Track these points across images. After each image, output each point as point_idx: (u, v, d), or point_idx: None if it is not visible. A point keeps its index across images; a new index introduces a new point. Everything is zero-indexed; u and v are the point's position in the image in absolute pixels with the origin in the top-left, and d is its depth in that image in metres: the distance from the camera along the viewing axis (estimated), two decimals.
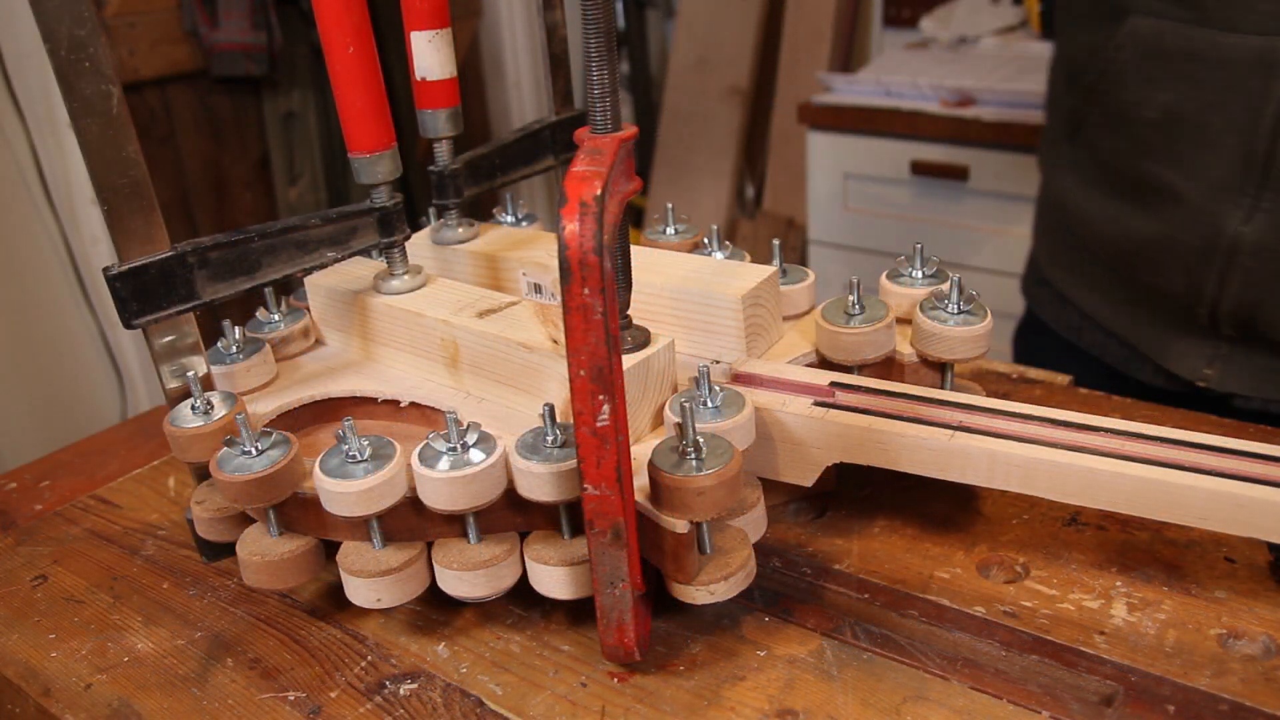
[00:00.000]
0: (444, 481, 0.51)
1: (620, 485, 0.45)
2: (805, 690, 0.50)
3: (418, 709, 0.51)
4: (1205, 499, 0.49)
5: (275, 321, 0.69)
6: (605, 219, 0.43)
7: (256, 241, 0.59)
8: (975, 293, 0.62)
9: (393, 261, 0.65)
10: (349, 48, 0.58)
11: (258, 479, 0.52)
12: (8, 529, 0.71)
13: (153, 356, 0.59)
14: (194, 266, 0.57)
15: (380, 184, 0.62)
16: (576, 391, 0.44)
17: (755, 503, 0.54)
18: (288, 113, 2.02)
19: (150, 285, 0.56)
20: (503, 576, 0.54)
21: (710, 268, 0.65)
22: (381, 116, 0.60)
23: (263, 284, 0.60)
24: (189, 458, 0.58)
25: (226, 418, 0.58)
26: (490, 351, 0.60)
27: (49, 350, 1.77)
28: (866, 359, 0.62)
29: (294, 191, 2.06)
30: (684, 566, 0.50)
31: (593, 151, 0.47)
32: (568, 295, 0.43)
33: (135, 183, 0.55)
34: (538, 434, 0.52)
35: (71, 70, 0.52)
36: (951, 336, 0.60)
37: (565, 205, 0.43)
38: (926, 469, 0.55)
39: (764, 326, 0.63)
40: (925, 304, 0.62)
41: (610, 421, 0.44)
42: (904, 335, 0.64)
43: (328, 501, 0.52)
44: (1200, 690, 0.47)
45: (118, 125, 0.54)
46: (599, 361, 0.43)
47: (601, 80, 0.49)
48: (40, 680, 0.56)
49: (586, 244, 0.42)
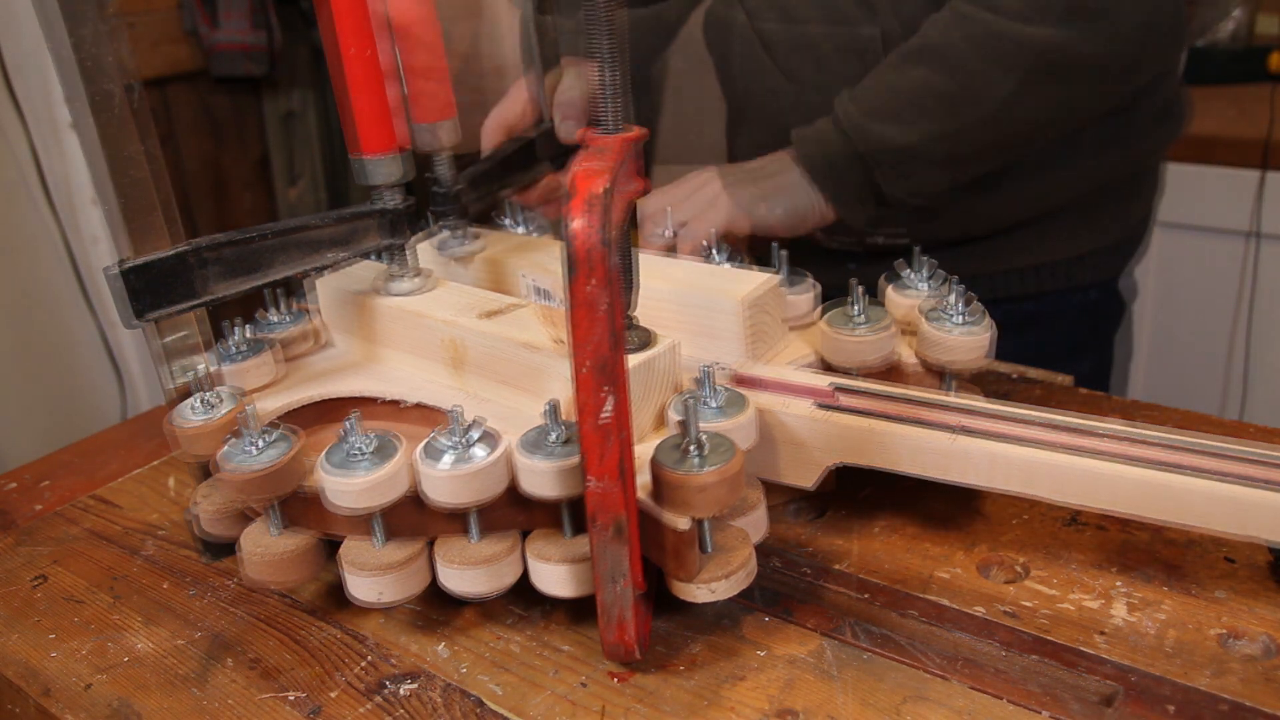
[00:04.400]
0: (447, 478, 0.51)
1: (623, 480, 0.45)
2: (805, 690, 0.50)
3: (418, 709, 0.51)
4: (1205, 500, 0.49)
5: (280, 322, 0.69)
6: (611, 214, 0.43)
7: (262, 241, 0.59)
8: (976, 299, 0.62)
9: (398, 263, 0.66)
10: (351, 48, 0.58)
11: (261, 474, 0.52)
12: (8, 529, 0.71)
13: (154, 356, 0.59)
14: (199, 265, 0.57)
15: (384, 185, 0.62)
16: (580, 385, 0.44)
17: (757, 503, 0.54)
18: (288, 113, 2.02)
19: (154, 283, 0.56)
20: (504, 574, 0.54)
21: (713, 273, 0.65)
22: (385, 118, 0.60)
23: (268, 283, 0.60)
24: (192, 454, 0.58)
25: (230, 414, 0.58)
26: (494, 352, 0.60)
27: (49, 350, 1.77)
28: (868, 364, 0.62)
29: (294, 192, 2.06)
30: (685, 564, 0.50)
31: (598, 150, 0.47)
32: (573, 289, 0.43)
33: (137, 181, 0.55)
34: (541, 431, 0.52)
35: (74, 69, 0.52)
36: (954, 344, 0.61)
37: (572, 200, 0.43)
38: (927, 470, 0.55)
39: (766, 331, 0.64)
40: (928, 311, 0.63)
41: (613, 416, 0.44)
42: (905, 341, 0.64)
43: (330, 496, 0.52)
44: (1200, 690, 0.47)
45: (120, 124, 0.54)
46: (603, 355, 0.43)
47: (610, 80, 0.49)
48: (40, 680, 0.56)
49: (593, 237, 0.42)
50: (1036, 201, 0.89)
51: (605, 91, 0.49)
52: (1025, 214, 0.90)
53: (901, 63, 0.78)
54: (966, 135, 0.77)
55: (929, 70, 0.76)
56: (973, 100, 0.76)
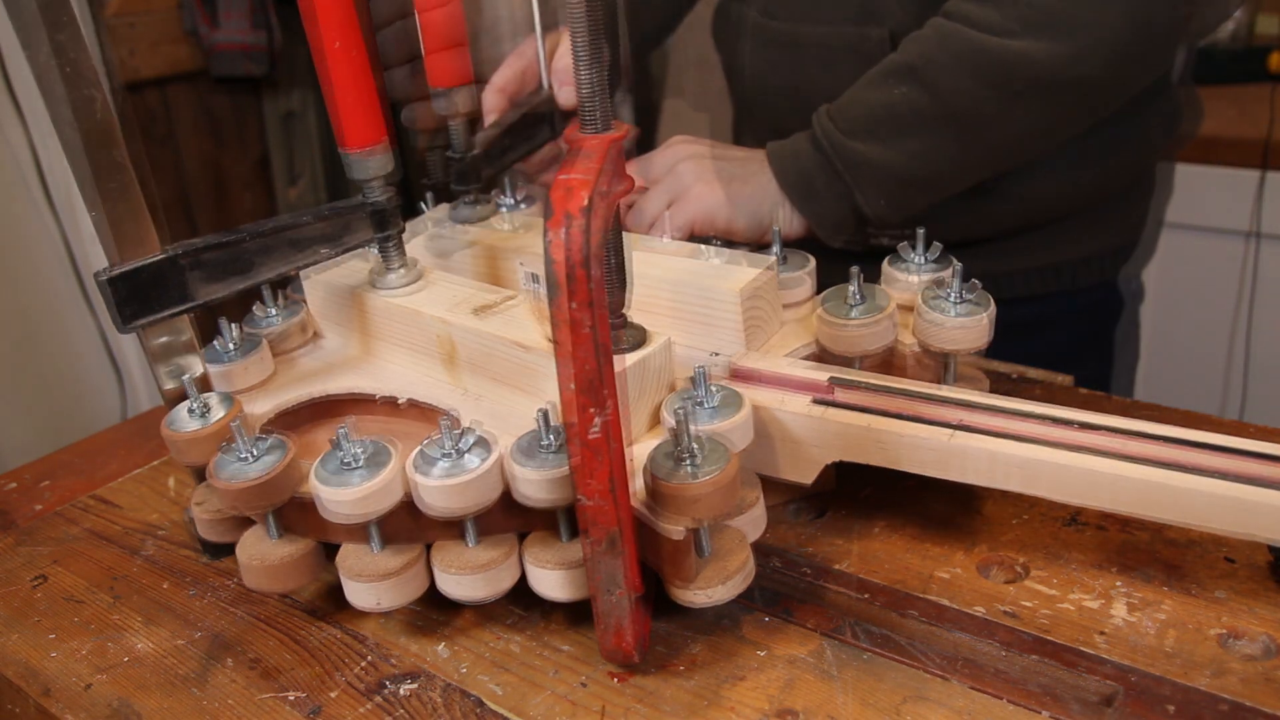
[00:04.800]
0: (439, 488, 0.50)
1: (614, 495, 0.45)
2: (805, 690, 0.50)
3: (418, 709, 0.51)
4: (1207, 501, 0.49)
5: (272, 317, 0.69)
6: (593, 227, 0.42)
7: (250, 241, 0.59)
8: (977, 281, 0.61)
9: (388, 257, 0.65)
10: (336, 42, 0.58)
11: (254, 485, 0.52)
12: (8, 529, 0.71)
13: (148, 357, 0.59)
14: (187, 268, 0.57)
15: (373, 179, 0.62)
16: (567, 405, 0.43)
17: (754, 502, 0.54)
18: (288, 113, 2.02)
19: (143, 288, 0.56)
20: (501, 579, 0.54)
21: (710, 262, 0.65)
22: (372, 111, 0.60)
23: (257, 283, 0.60)
24: (187, 460, 0.58)
25: (223, 420, 0.57)
26: (487, 350, 0.60)
27: (49, 350, 1.77)
28: (868, 352, 0.61)
29: (294, 191, 2.06)
30: (682, 570, 0.49)
31: (582, 155, 0.46)
32: (555, 309, 0.42)
33: (124, 186, 0.54)
34: (533, 438, 0.52)
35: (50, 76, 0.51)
36: (954, 327, 0.60)
37: (550, 218, 0.42)
38: (926, 468, 0.55)
39: (763, 320, 0.63)
40: (927, 293, 0.61)
41: (602, 433, 0.44)
42: (906, 324, 0.64)
43: (324, 508, 0.52)
44: (1200, 690, 0.47)
45: (104, 129, 0.53)
46: (589, 374, 0.43)
47: (589, 80, 0.48)
48: (40, 680, 0.56)
49: (574, 257, 0.41)
50: (1039, 204, 0.88)
51: (587, 90, 0.48)
52: (1028, 217, 0.89)
53: (882, 80, 0.77)
54: (948, 153, 0.76)
55: (910, 88, 0.75)
56: (955, 118, 0.74)
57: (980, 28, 0.72)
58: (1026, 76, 0.72)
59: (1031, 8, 0.70)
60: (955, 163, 0.77)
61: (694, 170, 0.78)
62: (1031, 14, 0.70)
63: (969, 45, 0.72)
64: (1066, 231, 0.91)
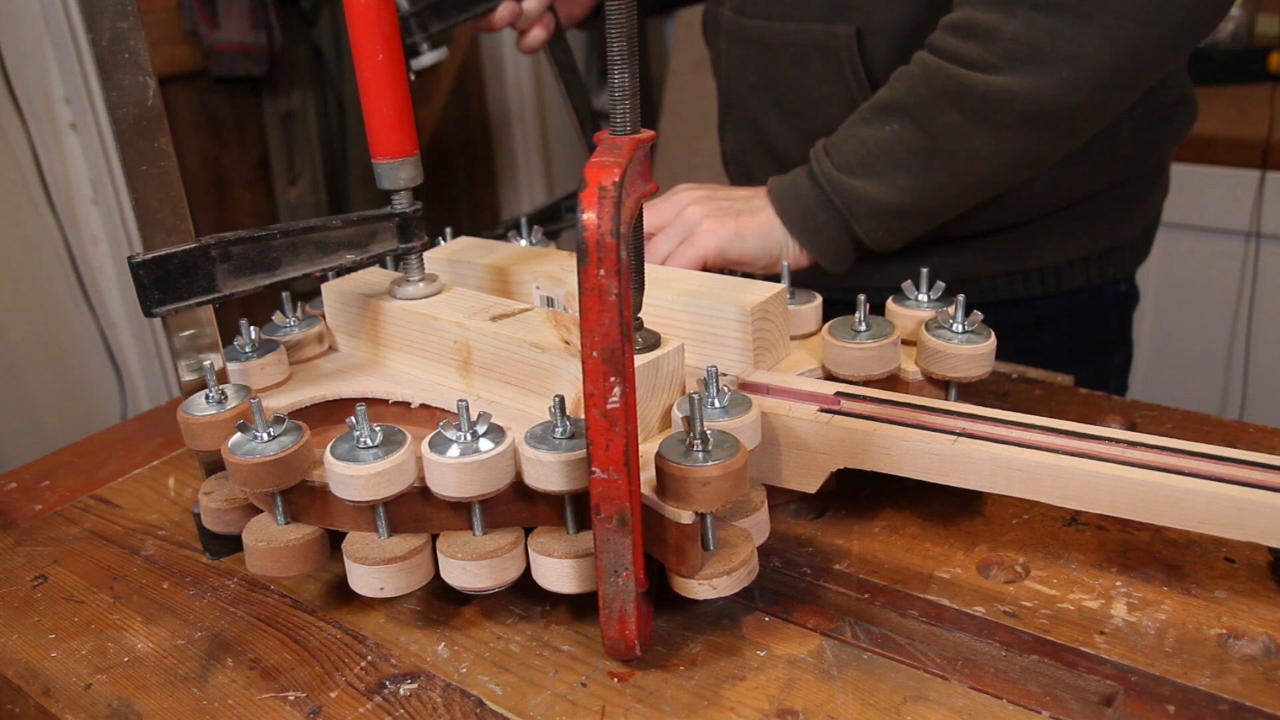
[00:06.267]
0: (453, 467, 0.51)
1: (628, 470, 0.46)
2: (805, 690, 0.50)
3: (418, 709, 0.51)
4: (1205, 502, 0.49)
5: (290, 326, 0.70)
6: (623, 207, 0.44)
7: (279, 239, 0.60)
8: (979, 313, 0.62)
9: (409, 268, 0.66)
10: (379, 54, 0.59)
11: (269, 462, 0.53)
12: (8, 529, 0.71)
13: (171, 352, 0.60)
14: (216, 259, 0.58)
15: (401, 189, 0.63)
16: (589, 373, 0.44)
17: (759, 506, 0.55)
18: (287, 113, 2.02)
19: (173, 275, 0.57)
20: (506, 568, 0.54)
21: (720, 282, 0.66)
22: (406, 123, 0.61)
23: (281, 281, 0.61)
24: (201, 446, 0.59)
25: (240, 407, 0.59)
26: (502, 353, 0.60)
27: (49, 350, 1.77)
28: (872, 374, 0.62)
29: (294, 191, 2.06)
30: (687, 559, 0.50)
31: (612, 147, 0.48)
32: (584, 276, 0.43)
33: (165, 173, 0.56)
34: (547, 426, 0.53)
35: (111, 61, 0.53)
36: (956, 354, 0.61)
37: (584, 190, 0.44)
38: (930, 474, 0.55)
39: (771, 341, 0.64)
40: (930, 324, 0.63)
41: (620, 405, 0.45)
42: (909, 356, 0.64)
43: (336, 485, 0.52)
44: (1200, 690, 0.47)
45: (151, 116, 0.55)
46: (612, 343, 0.44)
47: (623, 83, 0.50)
48: (40, 680, 0.56)
49: (604, 226, 0.43)
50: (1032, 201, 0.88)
51: (619, 94, 0.51)
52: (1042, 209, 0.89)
53: (873, 116, 0.77)
54: (941, 185, 0.77)
55: (900, 124, 0.76)
56: (946, 152, 0.75)
57: (964, 64, 0.72)
58: (1013, 110, 0.72)
59: (1015, 43, 0.70)
60: (949, 193, 0.78)
61: (701, 210, 0.79)
62: (1015, 49, 0.70)
63: (954, 83, 0.73)
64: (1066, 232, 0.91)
